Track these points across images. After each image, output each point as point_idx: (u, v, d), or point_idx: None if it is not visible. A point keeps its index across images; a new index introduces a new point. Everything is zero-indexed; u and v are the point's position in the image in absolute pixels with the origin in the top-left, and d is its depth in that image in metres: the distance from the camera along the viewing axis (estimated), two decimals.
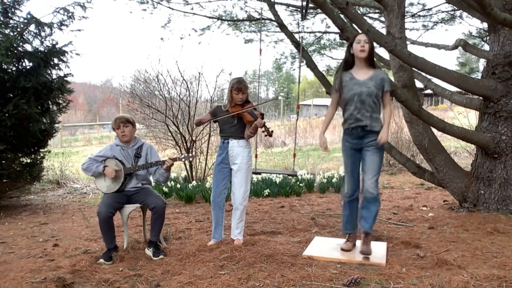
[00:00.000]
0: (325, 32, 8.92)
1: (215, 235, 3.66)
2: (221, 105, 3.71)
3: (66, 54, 6.17)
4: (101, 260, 3.19)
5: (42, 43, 6.10)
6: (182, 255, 3.28)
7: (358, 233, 3.41)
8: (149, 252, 3.37)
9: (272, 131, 3.57)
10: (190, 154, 3.87)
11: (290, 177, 6.58)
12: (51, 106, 6.29)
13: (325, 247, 3.41)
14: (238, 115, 3.55)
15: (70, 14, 6.21)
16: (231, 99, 3.58)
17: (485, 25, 5.95)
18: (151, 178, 3.73)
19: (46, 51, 6.03)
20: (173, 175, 7.08)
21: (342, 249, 3.33)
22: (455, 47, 7.21)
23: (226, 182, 3.68)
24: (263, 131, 3.53)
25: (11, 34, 5.80)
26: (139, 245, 3.67)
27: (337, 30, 4.56)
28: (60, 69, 6.24)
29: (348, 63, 3.28)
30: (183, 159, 3.66)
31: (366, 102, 3.18)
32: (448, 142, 9.57)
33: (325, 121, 3.47)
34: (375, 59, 3.33)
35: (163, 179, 3.62)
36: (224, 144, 3.64)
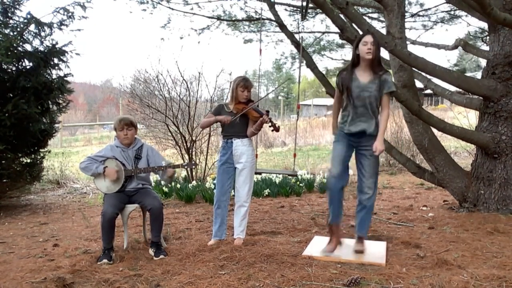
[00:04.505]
0: (325, 32, 8.93)
1: (217, 233, 3.65)
2: (223, 104, 3.71)
3: (66, 54, 6.16)
4: (104, 261, 3.19)
5: (42, 43, 6.09)
6: (182, 255, 3.28)
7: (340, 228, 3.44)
8: (151, 252, 3.38)
9: (278, 126, 3.57)
10: (193, 162, 3.89)
11: (290, 177, 6.58)
12: (51, 106, 6.28)
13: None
14: (244, 113, 3.54)
15: (70, 14, 6.20)
16: (235, 96, 3.58)
17: (485, 24, 5.94)
18: (151, 178, 3.73)
19: (46, 51, 6.03)
20: None
21: (327, 251, 3.23)
22: (455, 47, 7.23)
23: (231, 181, 3.68)
24: (270, 126, 3.53)
25: (11, 34, 5.79)
26: (139, 245, 3.67)
27: (337, 30, 4.56)
28: (60, 69, 6.24)
29: (354, 64, 3.23)
30: (185, 167, 3.66)
31: (368, 107, 3.16)
32: (448, 142, 9.57)
33: (334, 116, 3.45)
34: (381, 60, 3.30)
35: (168, 182, 3.69)
36: (228, 144, 3.63)
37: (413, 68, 4.82)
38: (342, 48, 9.57)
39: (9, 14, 5.95)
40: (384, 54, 6.55)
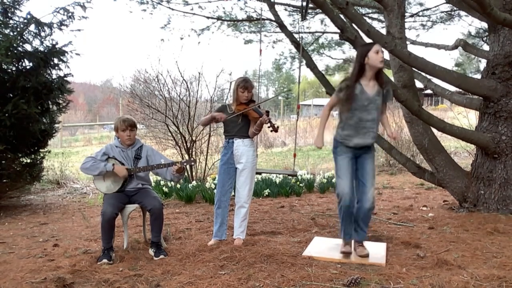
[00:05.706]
0: (325, 32, 8.92)
1: (218, 233, 3.66)
2: (227, 105, 3.73)
3: (66, 54, 6.16)
4: (104, 261, 3.19)
5: (42, 43, 6.09)
6: (182, 255, 3.28)
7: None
8: (151, 252, 3.37)
9: (277, 127, 3.58)
10: (192, 159, 3.89)
11: (290, 177, 6.58)
12: (51, 106, 6.29)
13: (325, 247, 3.41)
14: (243, 114, 3.56)
15: (70, 14, 6.20)
16: (236, 97, 3.60)
17: (485, 24, 5.94)
18: (151, 178, 3.73)
19: (46, 51, 6.03)
20: None
21: (343, 253, 3.22)
22: (455, 47, 7.23)
23: (232, 181, 3.69)
24: (268, 127, 3.53)
25: (11, 34, 5.79)
26: (139, 245, 3.67)
27: (336, 30, 4.56)
28: (60, 69, 6.24)
29: (359, 74, 3.13)
30: (184, 164, 3.67)
31: (375, 120, 3.16)
32: (448, 142, 9.57)
33: (323, 123, 3.33)
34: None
35: (177, 180, 3.70)
36: (229, 144, 3.65)
37: (413, 68, 4.82)
38: (341, 47, 9.57)
39: (9, 14, 5.95)
40: (384, 54, 6.57)
